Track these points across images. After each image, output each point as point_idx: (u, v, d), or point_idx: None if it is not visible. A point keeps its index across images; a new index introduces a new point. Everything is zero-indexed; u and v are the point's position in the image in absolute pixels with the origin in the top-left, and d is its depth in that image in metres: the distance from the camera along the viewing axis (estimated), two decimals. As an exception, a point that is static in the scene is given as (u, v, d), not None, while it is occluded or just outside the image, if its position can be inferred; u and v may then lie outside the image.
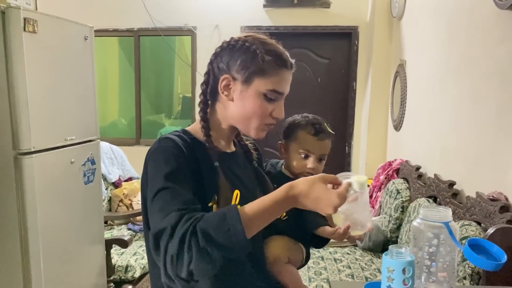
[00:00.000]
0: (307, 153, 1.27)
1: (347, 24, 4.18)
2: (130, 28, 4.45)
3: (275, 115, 1.06)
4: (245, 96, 1.04)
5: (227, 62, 1.05)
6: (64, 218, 2.06)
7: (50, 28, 1.93)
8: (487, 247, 0.89)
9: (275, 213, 0.92)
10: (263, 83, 1.03)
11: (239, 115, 1.06)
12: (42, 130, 1.89)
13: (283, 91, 1.06)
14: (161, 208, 0.92)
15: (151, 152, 1.01)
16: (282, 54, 1.06)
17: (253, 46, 1.03)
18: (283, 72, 1.05)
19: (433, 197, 2.47)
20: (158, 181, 0.95)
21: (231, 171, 1.12)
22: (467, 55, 2.30)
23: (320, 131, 1.28)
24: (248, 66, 1.03)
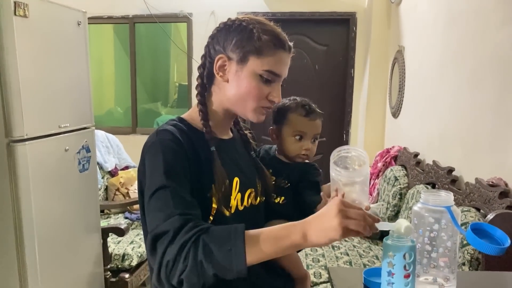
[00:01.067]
0: (301, 134, 1.26)
1: (345, 10, 4.13)
2: (125, 15, 4.38)
3: (272, 97, 1.03)
4: (240, 76, 1.01)
5: (222, 42, 1.03)
6: (59, 207, 2.03)
7: (41, 13, 1.88)
8: (490, 231, 0.87)
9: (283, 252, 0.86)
10: (259, 63, 1.00)
11: (234, 96, 1.03)
12: (35, 117, 1.85)
13: (279, 73, 1.02)
14: (161, 208, 0.89)
15: (149, 145, 0.98)
16: (280, 34, 1.03)
17: (250, 25, 1.01)
18: (280, 53, 1.01)
19: (432, 184, 2.46)
20: (157, 178, 0.92)
21: (230, 157, 1.09)
22: (467, 40, 2.27)
23: (311, 112, 1.27)
24: (244, 45, 1.00)
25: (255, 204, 1.13)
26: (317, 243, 0.84)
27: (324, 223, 0.83)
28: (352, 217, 0.82)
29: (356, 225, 0.81)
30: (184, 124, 1.04)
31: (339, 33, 4.28)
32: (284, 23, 3.98)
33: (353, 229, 0.81)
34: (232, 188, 1.05)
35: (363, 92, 4.11)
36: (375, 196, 3.16)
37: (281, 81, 1.05)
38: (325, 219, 0.83)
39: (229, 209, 1.04)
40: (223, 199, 1.02)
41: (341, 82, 4.31)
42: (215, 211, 1.00)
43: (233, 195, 1.05)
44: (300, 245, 0.85)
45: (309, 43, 4.33)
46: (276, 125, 1.30)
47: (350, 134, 4.30)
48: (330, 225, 0.81)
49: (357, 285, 1.04)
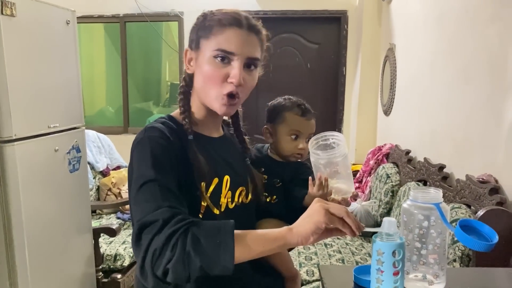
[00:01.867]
0: (297, 133, 1.26)
1: (336, 8, 4.13)
2: (116, 14, 4.36)
3: (230, 78, 0.97)
4: (199, 64, 1.00)
5: (189, 37, 1.05)
6: (49, 207, 2.02)
7: (29, 12, 1.86)
8: (478, 228, 0.88)
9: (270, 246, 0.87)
10: (209, 44, 0.98)
11: (199, 86, 1.02)
12: (24, 117, 1.83)
13: (232, 50, 0.96)
14: (148, 199, 0.88)
15: (137, 142, 0.97)
16: (233, 13, 0.99)
17: (206, 13, 1.02)
18: (231, 30, 0.97)
19: (423, 181, 2.47)
20: (145, 171, 0.91)
21: (220, 156, 1.08)
22: (457, 37, 2.28)
23: (307, 111, 1.27)
24: (196, 32, 1.01)
25: (246, 202, 1.13)
26: (304, 231, 0.84)
27: (307, 213, 0.86)
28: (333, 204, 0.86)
29: (337, 209, 0.84)
30: (173, 122, 1.03)
31: (331, 31, 4.28)
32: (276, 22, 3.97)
33: (334, 212, 0.84)
34: (223, 186, 1.04)
35: (355, 90, 4.12)
36: (367, 193, 3.16)
37: (241, 60, 0.97)
38: (308, 210, 0.87)
39: (219, 207, 1.03)
40: (213, 197, 1.01)
41: (333, 80, 4.32)
42: (204, 209, 1.00)
43: (224, 193, 1.04)
44: (287, 237, 0.85)
45: (301, 41, 4.33)
46: (271, 124, 1.30)
47: (343, 132, 4.30)
48: (313, 210, 0.85)
49: (347, 283, 1.04)
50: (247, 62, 0.99)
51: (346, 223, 0.84)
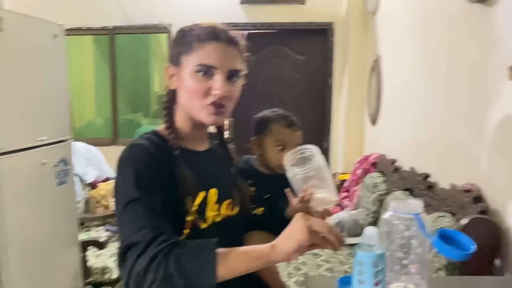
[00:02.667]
0: (283, 144, 1.27)
1: (323, 20, 4.19)
2: (105, 26, 4.37)
3: (213, 91, 0.99)
4: (181, 79, 1.02)
5: (169, 53, 1.07)
6: (36, 221, 2.01)
7: (17, 26, 1.87)
8: (457, 237, 0.90)
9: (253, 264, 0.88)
10: (190, 60, 1.00)
11: (184, 101, 1.04)
12: (11, 131, 1.84)
13: (213, 64, 0.98)
14: (133, 220, 0.89)
15: (121, 160, 0.98)
16: (210, 28, 1.01)
17: (184, 28, 1.03)
18: (210, 44, 0.99)
19: (410, 190, 2.50)
20: (129, 190, 0.92)
21: (206, 169, 1.09)
22: (440, 49, 2.33)
23: (292, 123, 1.29)
24: (176, 47, 1.03)
25: (233, 215, 1.13)
26: (286, 249, 0.85)
27: (289, 230, 0.87)
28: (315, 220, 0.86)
29: (319, 225, 0.85)
30: (158, 137, 1.04)
31: (318, 43, 4.33)
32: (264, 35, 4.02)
33: (317, 229, 0.84)
34: (209, 200, 1.05)
35: (342, 100, 4.16)
36: (355, 202, 3.19)
37: (223, 73, 0.99)
38: (290, 227, 0.87)
39: (205, 221, 1.04)
40: (199, 211, 1.02)
41: (321, 91, 4.36)
42: (191, 224, 1.00)
43: (210, 206, 1.05)
44: (270, 253, 0.86)
45: (288, 53, 4.38)
46: (258, 136, 1.31)
47: (331, 141, 4.34)
48: (295, 229, 0.85)
49: (332, 294, 1.06)
50: (228, 74, 1.01)
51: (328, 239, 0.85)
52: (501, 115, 1.73)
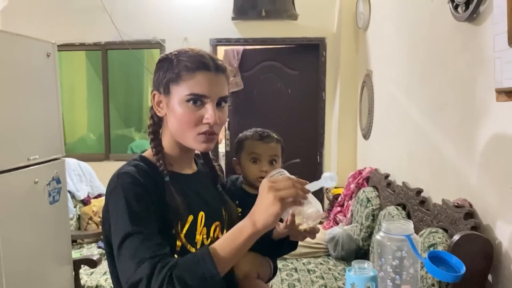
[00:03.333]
0: (256, 156, 1.29)
1: (315, 35, 4.24)
2: (97, 42, 4.39)
3: (205, 120, 1.01)
4: (171, 107, 1.03)
5: (154, 79, 1.07)
6: (28, 241, 1.99)
7: (10, 46, 1.88)
8: (447, 259, 0.91)
9: (245, 248, 0.93)
10: (180, 89, 1.01)
11: (174, 128, 1.04)
12: (3, 150, 1.83)
13: (204, 93, 1.01)
14: (132, 256, 0.90)
15: (111, 190, 0.98)
16: (200, 56, 1.03)
17: (170, 56, 1.04)
18: (200, 74, 1.01)
19: (402, 205, 2.51)
20: (123, 225, 0.93)
21: (194, 192, 1.10)
22: (429, 66, 2.37)
23: (265, 136, 1.31)
24: (164, 76, 1.03)
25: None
26: (266, 223, 0.90)
27: (263, 204, 0.90)
28: (282, 188, 0.90)
29: (288, 193, 0.89)
30: (146, 163, 1.04)
31: (310, 58, 4.39)
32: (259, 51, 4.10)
33: (286, 196, 0.89)
34: (197, 223, 1.05)
35: (335, 114, 4.19)
36: (349, 217, 3.19)
37: (213, 101, 1.02)
38: (262, 200, 0.91)
39: (194, 245, 1.04)
40: (188, 235, 1.02)
41: (313, 105, 4.40)
42: (180, 248, 1.01)
43: (199, 230, 1.06)
44: (254, 232, 0.91)
45: (281, 68, 4.46)
46: (237, 155, 1.34)
47: (324, 155, 4.36)
48: (268, 203, 0.89)
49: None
50: (218, 101, 1.03)
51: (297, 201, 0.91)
52: (489, 133, 1.76)
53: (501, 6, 1.32)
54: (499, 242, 1.68)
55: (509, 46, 1.30)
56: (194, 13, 4.26)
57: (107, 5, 4.20)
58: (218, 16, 4.24)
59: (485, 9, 1.76)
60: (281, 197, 0.88)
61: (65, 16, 4.30)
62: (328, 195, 3.86)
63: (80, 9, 4.29)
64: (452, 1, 1.98)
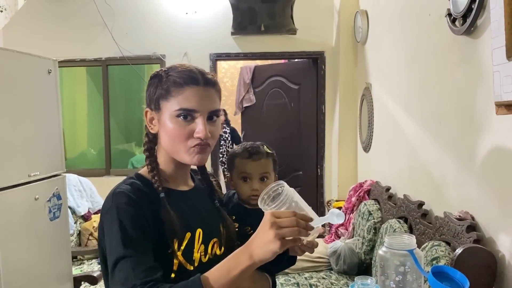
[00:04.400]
0: (245, 175, 1.27)
1: (314, 49, 4.27)
2: (98, 57, 4.42)
3: (196, 134, 1.01)
4: (162, 123, 1.03)
5: (146, 96, 1.07)
6: (28, 257, 1.98)
7: (11, 63, 1.89)
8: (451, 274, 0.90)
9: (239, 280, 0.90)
10: (170, 105, 1.01)
11: (167, 144, 1.05)
12: (4, 167, 1.83)
13: (193, 108, 1.01)
14: (124, 281, 0.89)
15: (106, 210, 0.98)
16: (188, 71, 1.03)
17: (160, 72, 1.04)
18: (189, 89, 1.01)
19: (404, 218, 2.50)
20: (116, 247, 0.92)
21: (191, 209, 1.09)
22: (428, 78, 2.38)
23: (254, 153, 1.29)
24: (154, 93, 1.03)
25: (220, 254, 1.12)
26: (263, 258, 0.87)
27: (262, 239, 0.86)
28: (285, 226, 0.85)
29: (290, 232, 0.85)
30: (141, 180, 1.04)
31: (310, 72, 4.42)
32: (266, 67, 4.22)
33: (288, 236, 0.85)
34: (195, 240, 1.04)
35: (335, 127, 4.20)
36: (350, 231, 3.18)
37: (204, 115, 1.02)
38: (262, 235, 0.87)
39: (192, 263, 1.03)
40: (186, 253, 1.02)
41: (314, 118, 4.42)
42: (177, 266, 1.00)
43: (196, 247, 1.05)
44: (250, 265, 0.88)
45: (285, 83, 4.61)
46: (229, 172, 1.34)
47: (325, 168, 4.36)
48: (267, 240, 0.85)
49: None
50: (209, 115, 1.03)
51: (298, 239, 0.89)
52: (490, 145, 1.76)
53: (498, 20, 1.33)
54: (502, 255, 1.67)
55: (507, 60, 1.31)
56: (194, 28, 4.30)
57: (108, 22, 4.24)
58: (217, 31, 4.27)
59: (482, 22, 1.78)
60: (283, 236, 0.85)
61: (66, 32, 4.33)
62: (329, 208, 3.85)
63: (81, 25, 4.33)
64: (449, 14, 2.00)
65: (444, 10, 2.05)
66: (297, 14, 4.13)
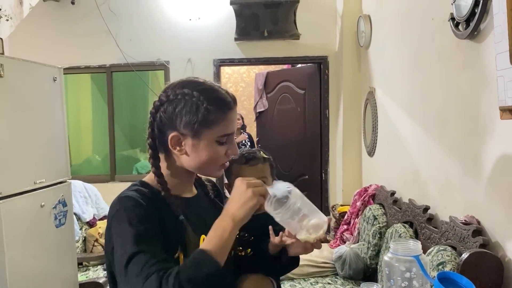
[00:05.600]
0: None
1: (317, 54, 4.28)
2: (102, 64, 4.44)
3: (230, 154, 1.07)
4: (198, 148, 1.03)
5: (171, 118, 1.03)
6: (34, 264, 1.99)
7: (17, 71, 1.91)
8: (457, 280, 0.90)
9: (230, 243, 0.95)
10: (212, 132, 1.02)
11: (195, 165, 1.05)
12: (10, 175, 1.84)
13: (232, 131, 1.06)
14: (138, 273, 0.90)
15: (113, 214, 0.98)
16: (224, 96, 1.05)
17: (193, 98, 1.01)
18: (228, 114, 1.04)
19: (409, 222, 2.49)
20: (127, 247, 0.92)
21: (195, 216, 1.10)
22: (432, 82, 2.38)
23: (250, 158, 1.32)
24: (194, 121, 1.01)
25: None
26: (244, 217, 0.95)
27: (241, 199, 0.95)
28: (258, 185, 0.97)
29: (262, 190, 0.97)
30: (146, 188, 1.04)
31: (314, 77, 4.43)
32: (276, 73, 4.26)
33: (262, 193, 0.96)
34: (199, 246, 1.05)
35: (339, 131, 4.20)
36: (355, 235, 3.17)
37: (233, 135, 1.08)
38: (241, 196, 0.96)
39: None
40: None
41: (318, 122, 4.42)
42: None
43: None
44: (234, 226, 0.95)
45: (292, 88, 4.68)
46: (228, 179, 1.35)
47: (329, 172, 4.35)
48: (246, 198, 0.95)
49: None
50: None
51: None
52: (495, 149, 1.76)
53: (501, 25, 1.33)
54: (509, 259, 1.67)
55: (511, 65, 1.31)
56: (197, 34, 4.32)
57: (112, 29, 4.26)
58: (221, 37, 4.29)
59: (485, 26, 1.78)
60: (259, 192, 0.95)
61: (70, 40, 4.36)
62: (334, 213, 3.84)
63: (85, 33, 4.36)
64: (452, 19, 2.00)
65: (447, 14, 2.05)
66: (300, 19, 4.14)
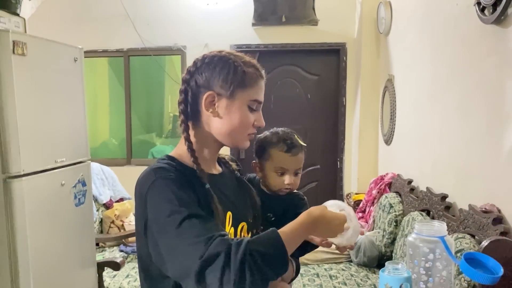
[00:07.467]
0: (283, 170, 1.26)
1: (335, 41, 4.23)
2: (120, 48, 4.46)
3: (257, 124, 1.09)
4: (232, 110, 1.04)
5: (206, 79, 1.04)
6: (55, 242, 2.03)
7: (39, 51, 1.92)
8: (483, 261, 0.89)
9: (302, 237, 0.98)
10: (246, 95, 1.05)
11: (226, 130, 1.05)
12: (32, 153, 1.87)
13: (262, 100, 1.10)
14: (196, 235, 0.88)
15: (149, 185, 0.95)
16: (258, 65, 1.10)
17: (230, 60, 1.05)
18: (260, 82, 1.09)
19: (426, 211, 2.48)
20: (175, 211, 0.91)
21: (221, 192, 1.09)
22: (454, 69, 2.34)
23: (292, 147, 1.26)
24: (232, 80, 1.03)
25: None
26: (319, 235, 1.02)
27: (331, 223, 1.00)
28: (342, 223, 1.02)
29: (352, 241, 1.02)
30: (175, 162, 1.04)
31: (330, 63, 4.37)
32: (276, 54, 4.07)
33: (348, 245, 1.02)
34: (226, 223, 1.05)
35: (355, 119, 4.17)
36: (370, 223, 3.16)
37: (260, 106, 1.11)
38: (334, 222, 1.00)
39: None
40: None
41: (333, 110, 4.38)
42: None
43: (227, 230, 1.05)
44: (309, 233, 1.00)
45: (300, 73, 4.40)
46: (259, 159, 1.30)
47: (344, 161, 4.33)
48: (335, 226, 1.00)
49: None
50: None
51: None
52: (519, 135, 1.72)
53: (532, 6, 1.29)
54: (530, 248, 1.64)
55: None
56: (214, 19, 4.30)
57: (130, 13, 4.27)
58: (238, 22, 4.26)
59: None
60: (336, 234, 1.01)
61: (88, 23, 4.38)
62: (349, 201, 3.83)
63: (103, 16, 4.37)
64: (478, 3, 1.96)
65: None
66: (319, 5, 4.08)
